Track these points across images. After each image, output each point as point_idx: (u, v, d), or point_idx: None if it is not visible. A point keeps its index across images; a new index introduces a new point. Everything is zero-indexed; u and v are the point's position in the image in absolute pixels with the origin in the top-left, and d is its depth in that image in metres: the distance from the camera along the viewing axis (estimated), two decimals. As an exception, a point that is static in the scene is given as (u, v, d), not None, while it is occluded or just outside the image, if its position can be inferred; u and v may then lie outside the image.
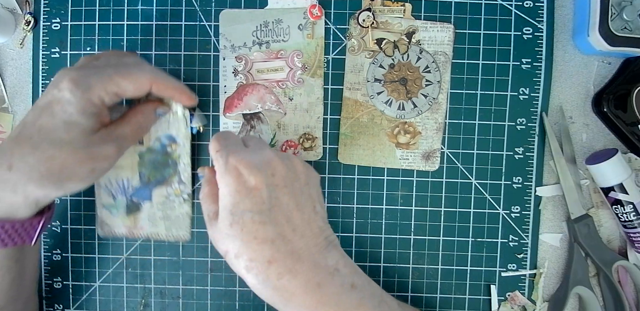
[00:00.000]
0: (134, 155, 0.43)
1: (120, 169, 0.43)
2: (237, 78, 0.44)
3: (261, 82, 0.43)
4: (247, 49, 0.43)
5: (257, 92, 0.43)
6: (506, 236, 0.44)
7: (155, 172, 0.43)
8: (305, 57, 0.43)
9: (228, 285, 0.44)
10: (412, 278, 0.44)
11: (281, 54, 0.43)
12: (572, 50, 0.44)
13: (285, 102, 0.43)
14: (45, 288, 0.45)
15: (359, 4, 0.43)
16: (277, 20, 0.43)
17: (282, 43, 0.43)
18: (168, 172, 0.43)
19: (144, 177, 0.43)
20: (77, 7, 0.44)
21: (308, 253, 0.34)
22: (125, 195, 0.43)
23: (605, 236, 0.44)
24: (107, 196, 0.43)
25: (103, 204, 0.44)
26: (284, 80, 0.43)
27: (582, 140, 0.44)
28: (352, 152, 0.44)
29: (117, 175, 0.43)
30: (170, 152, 0.43)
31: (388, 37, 0.43)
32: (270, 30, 0.43)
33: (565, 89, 0.44)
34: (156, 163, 0.43)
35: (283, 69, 0.43)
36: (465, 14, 0.43)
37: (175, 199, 0.43)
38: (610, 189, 0.42)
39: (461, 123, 0.44)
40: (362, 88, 0.43)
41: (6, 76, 0.45)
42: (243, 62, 0.43)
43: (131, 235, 0.44)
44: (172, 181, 0.43)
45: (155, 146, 0.43)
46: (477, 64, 0.43)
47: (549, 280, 0.44)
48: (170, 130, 0.42)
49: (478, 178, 0.44)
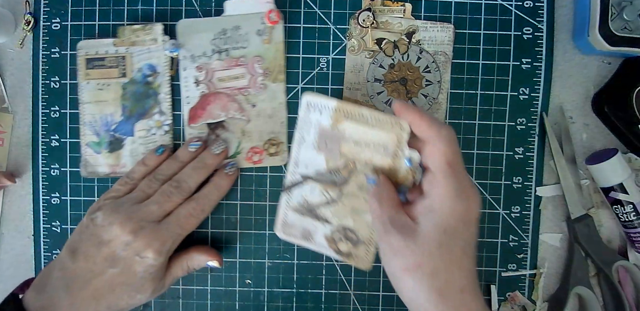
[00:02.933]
0: (117, 89, 0.43)
1: (105, 104, 0.43)
2: (199, 88, 0.43)
3: (223, 90, 0.43)
4: (207, 58, 0.43)
5: (219, 101, 0.43)
6: (506, 236, 0.44)
7: (137, 104, 0.43)
8: (266, 63, 0.43)
9: (228, 285, 0.44)
10: (412, 278, 0.44)
11: (241, 60, 0.42)
12: (572, 50, 0.44)
13: (248, 108, 0.43)
14: (45, 288, 0.45)
15: (359, 4, 0.43)
16: (235, 27, 0.42)
17: (241, 50, 0.43)
18: (149, 103, 0.43)
19: (126, 110, 0.43)
20: (77, 7, 0.44)
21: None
22: (108, 131, 0.43)
23: (605, 237, 0.44)
24: (92, 134, 0.43)
25: (87, 143, 0.43)
26: (245, 87, 0.43)
27: (582, 140, 0.44)
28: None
29: (101, 112, 0.43)
30: (151, 81, 0.42)
31: (388, 37, 0.43)
32: (229, 37, 0.42)
33: (565, 89, 0.44)
34: (138, 95, 0.43)
35: (244, 76, 0.43)
36: (465, 14, 0.43)
37: (157, 131, 0.43)
38: (610, 189, 0.42)
39: (461, 123, 0.44)
40: (362, 88, 0.43)
41: (6, 76, 0.45)
42: (204, 72, 0.43)
43: (114, 173, 0.43)
44: (152, 113, 0.43)
45: (137, 77, 0.43)
46: (477, 64, 0.43)
47: (549, 280, 0.44)
48: (151, 59, 0.42)
49: (478, 178, 0.44)
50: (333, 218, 0.39)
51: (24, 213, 0.45)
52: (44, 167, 0.45)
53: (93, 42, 0.43)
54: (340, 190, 0.38)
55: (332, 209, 0.39)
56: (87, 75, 0.43)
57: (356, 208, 0.38)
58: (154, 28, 0.42)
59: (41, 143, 0.44)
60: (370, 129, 0.36)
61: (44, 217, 0.45)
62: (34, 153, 0.45)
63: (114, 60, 0.43)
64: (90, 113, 0.43)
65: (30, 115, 0.45)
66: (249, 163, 0.43)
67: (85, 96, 0.44)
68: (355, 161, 0.37)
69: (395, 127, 0.35)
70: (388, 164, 0.36)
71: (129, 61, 0.43)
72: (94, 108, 0.43)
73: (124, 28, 0.43)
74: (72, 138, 0.44)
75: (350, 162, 0.37)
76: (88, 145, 0.44)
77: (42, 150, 0.44)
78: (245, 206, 0.44)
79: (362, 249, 0.39)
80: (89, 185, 0.44)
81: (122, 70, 0.43)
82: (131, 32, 0.43)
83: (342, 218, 0.39)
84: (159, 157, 0.42)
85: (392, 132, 0.35)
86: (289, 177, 0.40)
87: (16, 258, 0.45)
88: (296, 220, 0.40)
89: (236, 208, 0.44)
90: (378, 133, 0.36)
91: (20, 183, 0.45)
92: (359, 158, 0.37)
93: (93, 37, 0.44)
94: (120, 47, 0.43)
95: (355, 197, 0.38)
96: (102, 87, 0.43)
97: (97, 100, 0.43)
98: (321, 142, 0.38)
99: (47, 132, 0.44)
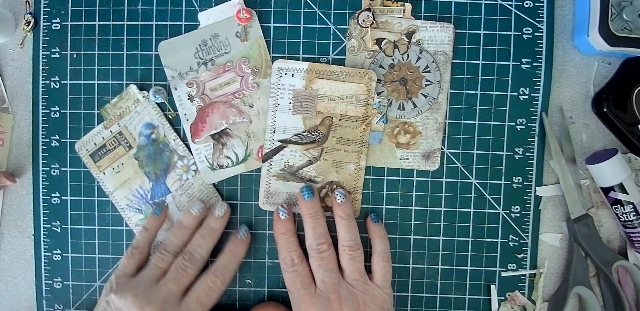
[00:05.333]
0: (132, 162, 0.43)
1: (129, 182, 0.43)
2: (194, 103, 0.43)
3: (218, 99, 0.43)
4: (195, 72, 0.43)
5: (217, 110, 0.43)
6: (506, 236, 0.44)
7: (156, 164, 0.43)
8: (252, 62, 0.43)
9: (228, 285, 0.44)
10: (412, 278, 0.44)
11: (228, 66, 0.43)
12: (572, 50, 0.44)
13: (247, 110, 0.43)
14: (45, 288, 0.45)
15: (359, 4, 0.43)
16: (214, 36, 0.43)
17: (225, 56, 0.43)
18: (166, 155, 0.43)
19: (150, 175, 0.43)
20: (77, 7, 0.44)
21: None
22: (147, 202, 0.43)
23: (605, 237, 0.44)
24: (135, 213, 0.44)
25: (135, 223, 0.44)
26: (239, 90, 0.43)
27: (582, 140, 0.44)
28: (352, 152, 0.44)
29: (131, 190, 0.43)
30: (156, 137, 0.43)
31: (388, 37, 0.43)
32: (211, 46, 0.43)
33: (565, 89, 0.44)
34: (152, 156, 0.43)
35: (235, 80, 0.43)
36: (465, 14, 0.43)
37: (188, 175, 0.43)
38: (610, 189, 0.42)
39: (461, 123, 0.44)
40: (362, 88, 0.44)
41: (6, 76, 0.45)
42: (195, 86, 0.43)
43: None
44: (174, 162, 0.43)
45: (142, 141, 0.43)
46: (477, 64, 0.43)
47: (549, 280, 0.44)
48: (143, 119, 0.42)
49: (478, 178, 0.44)
50: (318, 177, 0.41)
51: (24, 213, 0.45)
52: (44, 167, 0.45)
53: (85, 138, 0.44)
54: (320, 147, 0.41)
55: (315, 168, 0.40)
56: (100, 168, 0.44)
57: (337, 161, 0.40)
58: (129, 91, 0.43)
59: (41, 143, 0.44)
60: (342, 84, 0.40)
61: (44, 216, 0.45)
62: (34, 153, 0.45)
63: (115, 141, 0.43)
64: (123, 198, 0.44)
65: (30, 115, 0.45)
66: (261, 162, 0.43)
67: (109, 185, 0.44)
68: (332, 116, 0.40)
69: (364, 78, 0.39)
70: (362, 113, 0.40)
71: (127, 133, 0.43)
72: (123, 192, 0.44)
73: (105, 108, 0.43)
74: (72, 138, 0.44)
75: (327, 117, 0.40)
76: (137, 225, 0.44)
77: (42, 150, 0.45)
78: (246, 206, 0.44)
79: (349, 199, 0.41)
80: (89, 185, 0.44)
81: (126, 145, 0.43)
82: (113, 107, 0.43)
83: (326, 175, 0.41)
84: (158, 219, 0.42)
85: (362, 82, 0.39)
86: (267, 145, 0.41)
87: (16, 258, 0.46)
88: (280, 187, 0.41)
89: (236, 208, 0.44)
90: (350, 86, 0.40)
91: (20, 183, 0.45)
92: (335, 113, 0.40)
93: (93, 37, 0.44)
94: (111, 126, 0.43)
95: (335, 150, 0.41)
96: (118, 169, 0.44)
97: (122, 183, 0.44)
98: (296, 104, 0.40)
99: (47, 132, 0.44)
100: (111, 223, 0.44)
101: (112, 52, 0.44)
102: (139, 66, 0.44)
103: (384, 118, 0.41)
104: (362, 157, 0.42)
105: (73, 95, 0.44)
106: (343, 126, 0.41)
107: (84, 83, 0.44)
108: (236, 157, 0.43)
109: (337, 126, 0.41)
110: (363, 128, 0.41)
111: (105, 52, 0.44)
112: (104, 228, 0.44)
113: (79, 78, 0.44)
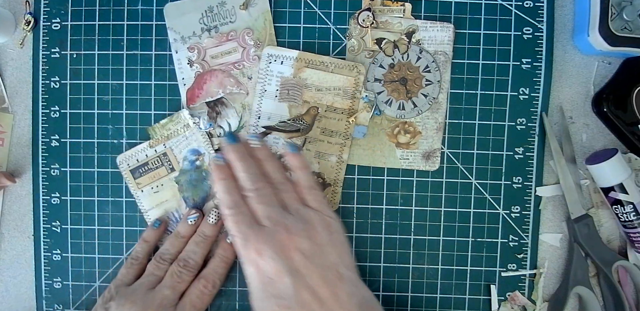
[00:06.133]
0: (172, 185, 0.43)
1: (166, 204, 0.43)
2: (194, 69, 0.43)
3: (218, 67, 0.43)
4: (197, 38, 0.43)
5: (215, 78, 0.43)
6: (506, 236, 0.44)
7: (196, 191, 0.43)
8: (256, 34, 0.43)
9: (228, 285, 0.44)
10: (412, 278, 0.44)
11: (232, 35, 0.43)
12: (572, 50, 0.44)
13: (245, 82, 0.43)
14: (45, 288, 0.45)
15: (359, 4, 0.43)
16: (220, 3, 0.42)
17: (230, 25, 0.43)
18: (206, 184, 0.43)
19: (189, 200, 0.43)
20: (77, 7, 0.44)
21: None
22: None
23: (605, 236, 0.44)
24: (165, 235, 0.44)
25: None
26: (239, 61, 0.43)
27: (582, 140, 0.44)
28: (352, 152, 0.44)
29: (165, 211, 0.43)
30: (200, 164, 0.43)
31: (388, 37, 0.43)
32: (216, 14, 0.43)
33: (565, 89, 0.44)
34: (193, 182, 0.43)
35: (236, 50, 0.43)
36: (465, 14, 0.43)
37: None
38: (610, 189, 0.42)
39: (461, 123, 0.44)
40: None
41: (6, 76, 0.45)
42: (196, 51, 0.43)
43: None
44: (214, 192, 0.43)
45: (186, 166, 0.43)
46: (477, 64, 0.43)
47: (549, 280, 0.44)
48: (190, 144, 0.42)
49: (478, 178, 0.44)
50: None
51: (24, 213, 0.45)
52: (44, 167, 0.45)
53: (129, 153, 0.43)
54: (304, 137, 0.41)
55: None
56: (139, 185, 0.44)
57: (320, 152, 0.41)
58: (181, 115, 0.43)
59: (41, 143, 0.44)
60: (331, 75, 0.40)
61: (44, 217, 0.45)
62: (34, 153, 0.45)
63: (158, 161, 0.43)
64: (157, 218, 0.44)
65: (30, 115, 0.45)
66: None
67: (145, 204, 0.44)
68: (317, 106, 0.41)
69: (353, 71, 0.40)
70: (348, 106, 0.41)
71: (171, 155, 0.43)
72: (159, 212, 0.44)
73: (153, 127, 0.43)
74: (72, 138, 0.44)
75: (312, 107, 0.41)
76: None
77: (42, 150, 0.45)
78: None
79: (329, 191, 0.42)
80: (89, 185, 0.44)
81: (169, 166, 0.43)
82: (162, 128, 0.43)
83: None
84: (156, 231, 0.43)
85: (351, 75, 0.40)
86: (251, 131, 0.42)
87: (16, 258, 0.45)
88: None
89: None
90: (338, 77, 0.40)
91: (20, 183, 0.45)
92: (322, 104, 0.41)
93: (93, 37, 0.44)
94: (157, 145, 0.43)
95: (319, 141, 0.41)
96: (157, 189, 0.44)
97: (158, 203, 0.44)
98: (283, 92, 0.41)
99: (47, 132, 0.44)
100: (111, 223, 0.44)
101: (112, 52, 0.44)
102: (139, 66, 0.44)
103: (377, 111, 0.41)
104: (345, 150, 0.42)
105: (73, 95, 0.44)
106: (328, 117, 0.42)
107: (84, 83, 0.44)
108: (229, 127, 0.43)
109: (322, 117, 0.42)
110: (350, 121, 0.41)
111: (105, 52, 0.44)
112: (104, 228, 0.44)
113: (79, 78, 0.44)
